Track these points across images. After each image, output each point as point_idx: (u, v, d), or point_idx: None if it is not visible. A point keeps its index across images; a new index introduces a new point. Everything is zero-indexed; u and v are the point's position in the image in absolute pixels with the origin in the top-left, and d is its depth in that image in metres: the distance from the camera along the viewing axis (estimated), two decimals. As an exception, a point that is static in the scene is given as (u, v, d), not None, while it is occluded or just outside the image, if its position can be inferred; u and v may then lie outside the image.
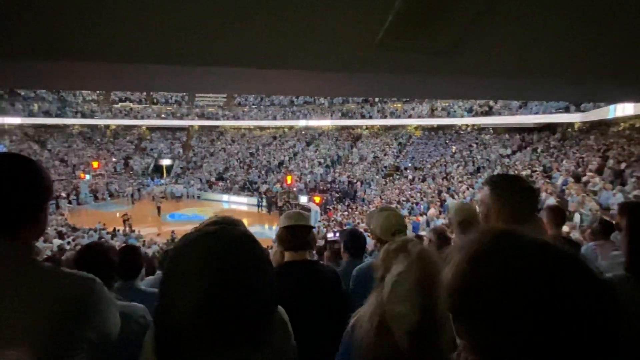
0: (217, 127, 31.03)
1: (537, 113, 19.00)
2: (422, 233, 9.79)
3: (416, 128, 26.16)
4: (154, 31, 1.27)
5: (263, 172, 25.75)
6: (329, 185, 22.68)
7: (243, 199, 22.75)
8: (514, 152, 19.30)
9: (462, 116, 22.91)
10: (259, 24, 1.38)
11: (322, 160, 25.76)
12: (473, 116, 22.25)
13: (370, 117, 26.80)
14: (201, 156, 29.01)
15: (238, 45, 1.41)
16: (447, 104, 23.88)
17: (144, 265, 2.23)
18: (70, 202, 20.63)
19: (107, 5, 1.16)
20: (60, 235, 13.63)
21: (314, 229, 2.12)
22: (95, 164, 24.33)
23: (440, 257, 1.09)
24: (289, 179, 22.34)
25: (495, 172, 15.21)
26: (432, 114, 24.50)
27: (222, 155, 28.61)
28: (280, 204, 20.50)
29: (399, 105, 26.23)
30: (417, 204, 16.36)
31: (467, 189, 15.68)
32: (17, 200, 0.90)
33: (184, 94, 30.11)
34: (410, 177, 21.34)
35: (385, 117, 26.28)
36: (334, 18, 1.45)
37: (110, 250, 1.70)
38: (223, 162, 27.68)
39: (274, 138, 29.83)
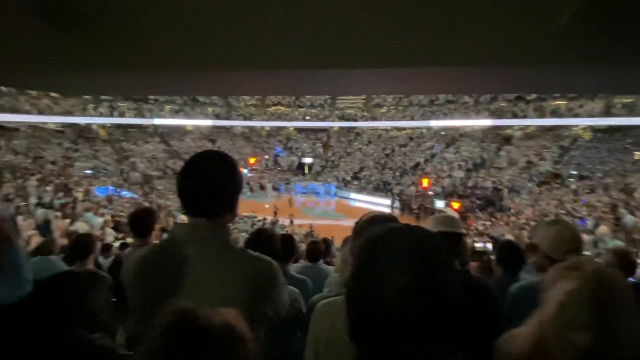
0: (355, 128, 32.02)
1: None
2: (585, 253, 8.18)
3: (584, 129, 22.02)
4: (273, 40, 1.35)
5: (398, 173, 25.45)
6: (469, 190, 21.00)
7: (376, 199, 22.87)
8: None
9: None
10: (413, 22, 1.32)
11: (462, 163, 24.01)
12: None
13: (525, 117, 23.73)
14: (339, 156, 30.35)
15: (385, 46, 1.39)
16: (629, 100, 19.41)
17: (296, 251, 2.43)
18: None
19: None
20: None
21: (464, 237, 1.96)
22: (251, 160, 27.91)
23: (622, 278, 0.88)
24: (424, 181, 21.52)
25: None
26: (607, 112, 20.26)
27: (358, 155, 29.36)
28: (414, 206, 19.92)
29: (562, 102, 22.51)
30: (581, 219, 13.78)
31: (657, 205, 12.48)
32: (224, 190, 1.06)
33: (327, 97, 32.03)
34: (573, 186, 18.13)
35: (545, 116, 22.89)
36: (499, 9, 1.29)
37: (275, 236, 1.89)
38: (359, 162, 28.40)
39: (411, 139, 29.17)
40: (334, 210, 21.25)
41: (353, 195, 24.38)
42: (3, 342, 1.36)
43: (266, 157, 30.90)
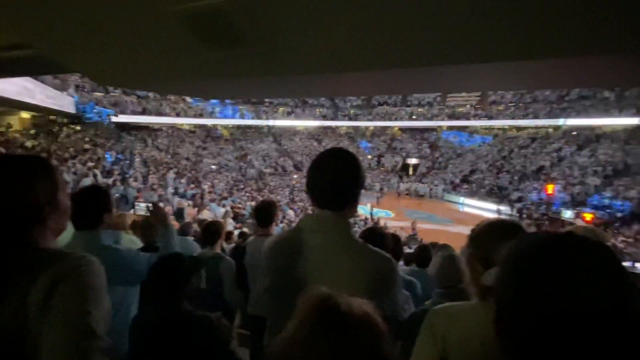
0: (467, 127, 29.94)
1: None
2: None
3: None
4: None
5: (516, 177, 22.99)
6: (607, 200, 17.87)
7: (489, 205, 20.99)
8: None
9: None
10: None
11: (599, 169, 20.54)
12: None
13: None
14: (447, 157, 28.76)
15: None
16: None
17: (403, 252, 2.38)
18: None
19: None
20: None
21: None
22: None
23: None
24: (549, 188, 19.02)
25: None
26: None
27: (470, 157, 27.39)
28: (536, 215, 17.79)
29: None
30: None
31: None
32: (349, 185, 1.13)
33: (436, 95, 30.62)
34: None
35: None
36: None
37: (387, 235, 1.89)
38: (470, 164, 26.48)
39: (533, 140, 26.05)
40: (440, 215, 20.18)
41: (462, 199, 22.85)
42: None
43: (369, 157, 30.93)
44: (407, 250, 5.21)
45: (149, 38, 1.50)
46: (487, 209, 20.23)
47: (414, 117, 31.69)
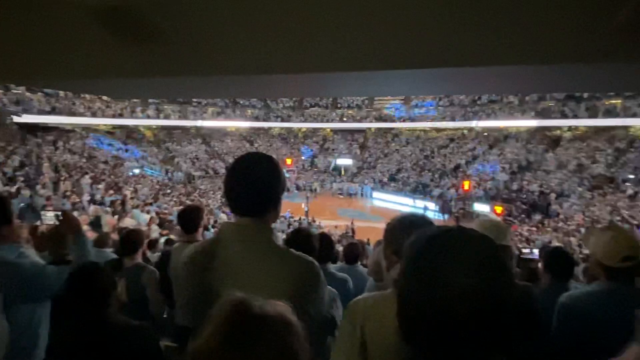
0: (393, 128, 31.56)
1: None
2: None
3: (643, 130, 20.42)
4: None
5: (437, 175, 24.80)
6: (514, 194, 20.07)
7: (414, 202, 22.32)
8: None
9: None
10: (457, 20, 1.29)
11: (506, 166, 22.99)
12: None
13: (576, 116, 22.35)
14: (375, 157, 30.05)
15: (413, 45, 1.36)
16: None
17: (334, 251, 2.45)
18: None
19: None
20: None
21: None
22: (288, 161, 28.28)
23: None
24: (466, 184, 20.81)
25: None
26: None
27: (396, 157, 28.92)
28: (454, 210, 19.34)
29: (618, 101, 20.98)
30: (638, 226, 12.81)
31: None
32: (269, 191, 1.10)
33: (364, 98, 31.82)
34: (630, 191, 16.87)
35: (597, 116, 21.44)
36: (555, 3, 1.23)
37: (313, 236, 1.92)
38: (396, 164, 27.97)
39: (451, 140, 28.33)
40: (370, 212, 21.03)
41: (390, 197, 24.03)
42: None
43: (303, 158, 31.17)
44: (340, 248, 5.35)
45: (54, 30, 1.36)
46: (413, 206, 21.52)
47: (344, 118, 32.60)
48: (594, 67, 1.39)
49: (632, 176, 18.10)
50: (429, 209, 20.01)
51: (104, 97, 24.98)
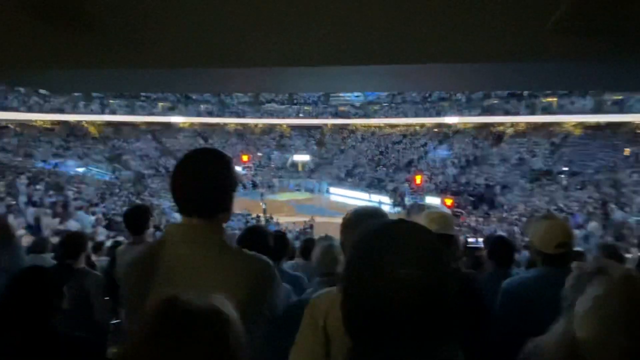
0: (349, 125, 32.02)
1: None
2: (577, 249, 8.26)
3: (575, 126, 22.24)
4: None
5: (391, 170, 25.53)
6: (462, 187, 21.15)
7: (371, 196, 22.80)
8: None
9: (642, 111, 18.51)
10: (401, 19, 1.32)
11: (455, 161, 24.16)
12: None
13: (517, 114, 23.91)
14: (332, 153, 30.35)
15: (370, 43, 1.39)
16: (620, 98, 19.63)
17: (289, 249, 2.44)
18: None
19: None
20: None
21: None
22: (245, 158, 27.79)
23: None
24: (418, 178, 21.61)
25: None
26: (598, 109, 20.47)
27: (352, 153, 29.39)
28: (407, 204, 20.03)
29: (554, 99, 22.71)
30: (572, 214, 13.98)
31: (646, 200, 12.68)
32: (219, 189, 1.05)
33: (320, 94, 31.99)
34: (564, 183, 18.34)
35: (536, 113, 23.08)
36: (495, 4, 1.30)
37: (268, 234, 1.89)
38: (352, 160, 28.43)
39: (404, 136, 29.26)
40: (328, 208, 21.23)
41: (347, 192, 24.38)
42: None
43: (259, 154, 30.77)
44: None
45: None
46: (369, 200, 21.96)
47: (300, 115, 32.56)
48: (531, 65, 1.47)
49: (566, 168, 19.70)
50: (384, 202, 20.59)
51: (42, 91, 23.11)
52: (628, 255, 4.23)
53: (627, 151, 18.69)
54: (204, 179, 1.02)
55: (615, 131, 20.46)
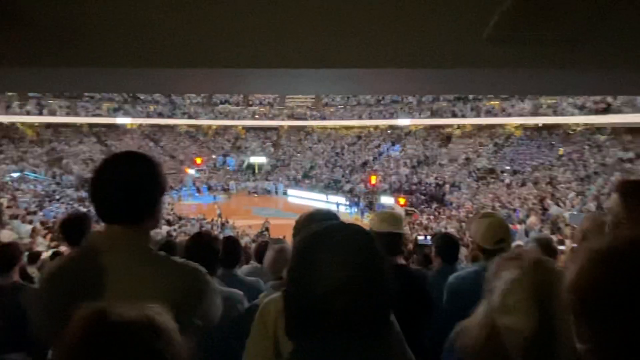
0: (305, 126, 32.10)
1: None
2: (518, 242, 8.89)
3: (516, 127, 23.90)
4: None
5: (347, 171, 25.94)
6: (414, 186, 21.96)
7: (328, 197, 22.91)
8: (638, 156, 16.53)
9: (572, 114, 20.27)
10: (352, 25, 1.38)
11: (407, 161, 25.04)
12: (586, 114, 19.55)
13: (463, 116, 25.25)
14: (289, 155, 30.28)
15: (329, 47, 1.43)
16: (554, 101, 21.36)
17: (242, 254, 2.40)
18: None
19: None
20: (169, 223, 15.39)
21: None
22: (198, 160, 26.95)
23: (558, 265, 0.97)
24: (372, 179, 22.14)
25: (614, 178, 13.26)
26: (535, 111, 22.14)
27: (309, 154, 29.50)
28: (363, 203, 20.45)
29: (496, 102, 24.24)
30: (514, 210, 14.99)
31: (577, 196, 13.88)
32: (144, 195, 0.98)
33: (275, 96, 31.77)
34: (507, 181, 19.62)
35: (480, 115, 24.51)
36: (437, 14, 1.38)
37: (216, 239, 1.86)
38: (309, 161, 28.54)
39: (359, 137, 29.85)
40: (284, 210, 21.14)
41: (304, 193, 24.41)
42: None
43: (213, 156, 29.99)
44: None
45: None
46: (327, 201, 22.10)
47: (256, 116, 32.14)
48: (472, 72, 1.57)
49: (508, 167, 21.10)
50: (341, 203, 20.86)
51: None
52: (562, 247, 4.61)
53: (561, 151, 20.37)
54: (127, 183, 0.96)
55: (551, 132, 22.25)
